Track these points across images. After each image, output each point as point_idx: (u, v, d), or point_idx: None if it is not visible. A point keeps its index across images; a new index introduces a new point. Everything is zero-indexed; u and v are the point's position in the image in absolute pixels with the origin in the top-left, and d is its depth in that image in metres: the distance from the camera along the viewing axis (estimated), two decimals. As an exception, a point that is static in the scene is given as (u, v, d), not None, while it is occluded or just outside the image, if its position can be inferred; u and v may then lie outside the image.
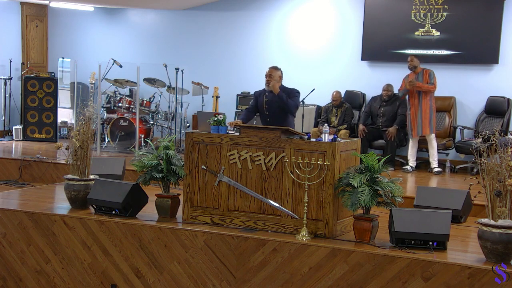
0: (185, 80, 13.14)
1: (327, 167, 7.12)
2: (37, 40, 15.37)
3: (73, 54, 15.10)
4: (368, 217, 7.06)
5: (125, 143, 12.92)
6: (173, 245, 7.47)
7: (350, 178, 7.00)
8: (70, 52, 15.27)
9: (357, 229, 7.12)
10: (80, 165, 8.31)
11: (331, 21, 13.40)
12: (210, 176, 7.73)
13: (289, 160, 7.29)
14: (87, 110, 8.45)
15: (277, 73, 8.61)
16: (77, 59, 14.28)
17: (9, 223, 8.13)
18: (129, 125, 12.91)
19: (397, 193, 7.02)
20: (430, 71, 11.54)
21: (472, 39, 12.27)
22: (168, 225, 7.60)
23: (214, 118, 7.84)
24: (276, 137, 7.43)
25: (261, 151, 7.48)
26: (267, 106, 8.50)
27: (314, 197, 7.24)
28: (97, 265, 7.81)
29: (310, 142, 7.35)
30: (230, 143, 7.65)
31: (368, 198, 6.86)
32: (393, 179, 7.13)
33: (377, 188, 6.95)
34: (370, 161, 7.03)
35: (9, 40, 14.88)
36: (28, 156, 11.41)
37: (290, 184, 7.35)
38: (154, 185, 8.27)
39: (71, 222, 7.89)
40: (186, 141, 7.91)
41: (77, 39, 15.47)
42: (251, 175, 7.54)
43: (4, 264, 8.19)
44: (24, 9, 15.06)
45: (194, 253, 7.39)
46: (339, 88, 12.68)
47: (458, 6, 12.33)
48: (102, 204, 8.05)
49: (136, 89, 12.88)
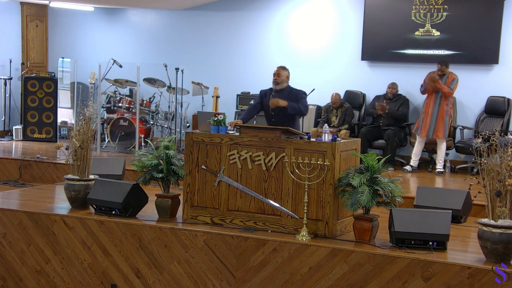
0: (185, 80, 13.14)
1: (327, 167, 7.12)
2: (37, 40, 15.38)
3: (73, 54, 15.10)
4: (368, 217, 7.06)
5: (125, 143, 12.92)
6: (173, 245, 7.47)
7: (350, 178, 6.99)
8: (70, 52, 15.27)
9: (357, 229, 7.12)
10: (80, 165, 8.31)
11: (331, 21, 13.40)
12: (210, 176, 7.73)
13: (289, 160, 7.29)
14: (87, 110, 8.44)
15: (284, 73, 8.56)
16: (77, 59, 14.28)
17: (9, 223, 8.13)
18: (129, 125, 12.91)
19: (397, 193, 7.02)
20: (455, 77, 11.48)
21: (472, 39, 12.26)
22: (168, 225, 7.60)
23: (214, 118, 7.84)
24: (276, 137, 7.43)
25: (261, 151, 7.48)
26: (273, 107, 8.44)
27: (314, 197, 7.24)
28: (97, 265, 7.81)
29: (310, 142, 7.35)
30: (230, 143, 7.65)
31: (368, 198, 6.85)
32: (393, 179, 7.13)
33: (377, 188, 6.94)
34: (370, 161, 7.03)
35: (9, 40, 14.89)
36: (28, 156, 11.41)
37: (290, 184, 7.35)
38: (154, 185, 8.27)
39: (71, 222, 7.89)
40: (186, 141, 7.91)
41: (77, 39, 15.47)
42: (251, 175, 7.54)
43: (4, 264, 8.19)
44: (24, 9, 15.06)
45: (194, 253, 7.39)
46: (339, 88, 12.69)
47: (458, 6, 12.33)
48: (102, 204, 8.05)
49: (136, 89, 12.88)
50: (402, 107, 12.12)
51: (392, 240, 6.93)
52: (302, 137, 7.50)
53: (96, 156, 11.51)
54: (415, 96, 12.19)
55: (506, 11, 12.02)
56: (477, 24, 12.23)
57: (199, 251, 7.37)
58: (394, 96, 12.22)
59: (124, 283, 7.68)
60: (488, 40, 12.15)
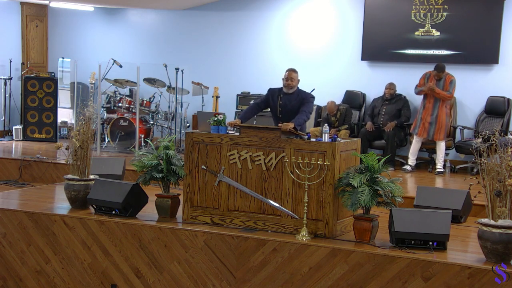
0: (185, 80, 13.13)
1: (327, 167, 7.12)
2: (37, 40, 15.38)
3: (73, 54, 15.10)
4: (368, 217, 7.06)
5: (125, 143, 12.92)
6: (173, 245, 7.47)
7: (350, 178, 7.00)
8: (70, 52, 15.27)
9: (357, 229, 7.12)
10: (80, 165, 8.31)
11: (331, 21, 13.39)
12: (210, 176, 7.73)
13: (289, 160, 7.29)
14: (87, 110, 8.45)
15: (296, 76, 8.34)
16: (77, 59, 14.26)
17: (9, 223, 8.13)
18: (129, 125, 12.91)
19: (397, 193, 7.03)
20: (453, 78, 11.45)
21: (472, 39, 12.24)
22: (168, 225, 7.60)
23: (214, 118, 7.84)
24: (276, 137, 7.43)
25: (261, 151, 7.48)
26: (281, 109, 8.29)
27: (314, 197, 7.24)
28: (97, 265, 7.81)
29: (310, 142, 7.36)
30: (230, 143, 7.65)
31: (368, 198, 6.86)
32: (393, 179, 7.13)
33: (377, 188, 6.95)
34: (370, 161, 7.03)
35: (9, 40, 14.89)
36: (28, 156, 11.41)
37: (290, 184, 7.35)
38: (154, 185, 8.27)
39: (71, 222, 7.89)
40: (186, 141, 7.91)
41: (77, 39, 15.47)
42: (251, 175, 7.54)
43: (4, 264, 8.19)
44: (24, 9, 15.06)
45: (194, 253, 7.40)
46: (339, 88, 12.74)
47: (458, 6, 12.31)
48: (102, 204, 8.05)
49: (136, 89, 12.89)
50: (404, 109, 12.11)
51: (392, 240, 6.93)
52: (302, 137, 7.50)
53: (96, 156, 11.51)
54: (415, 96, 12.17)
55: (506, 11, 12.01)
56: (477, 24, 12.21)
57: (199, 251, 7.37)
58: (392, 96, 12.20)
59: (124, 283, 7.68)
60: (488, 40, 12.13)
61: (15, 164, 11.10)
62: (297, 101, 8.29)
